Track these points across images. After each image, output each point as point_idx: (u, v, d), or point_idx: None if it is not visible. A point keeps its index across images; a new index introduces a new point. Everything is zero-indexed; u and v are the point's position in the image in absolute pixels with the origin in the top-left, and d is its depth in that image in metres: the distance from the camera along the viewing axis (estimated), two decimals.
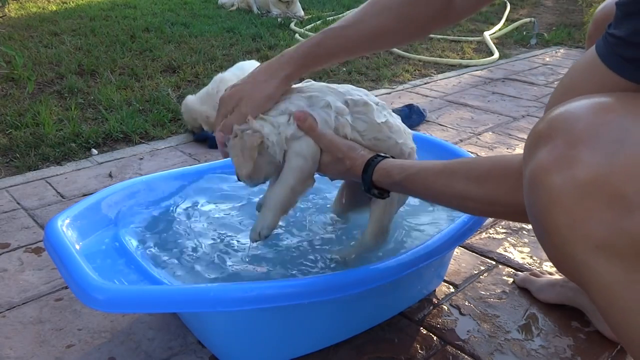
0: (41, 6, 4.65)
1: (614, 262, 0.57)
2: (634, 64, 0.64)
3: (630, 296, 0.58)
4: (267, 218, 0.98)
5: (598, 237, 0.56)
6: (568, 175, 0.57)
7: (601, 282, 0.59)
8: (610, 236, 0.56)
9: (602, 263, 0.57)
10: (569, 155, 0.57)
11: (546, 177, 0.59)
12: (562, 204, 0.57)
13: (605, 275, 0.58)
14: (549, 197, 0.59)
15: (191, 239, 1.16)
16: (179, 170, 1.33)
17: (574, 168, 0.56)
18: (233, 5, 4.75)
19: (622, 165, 0.55)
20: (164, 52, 3.21)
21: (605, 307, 0.61)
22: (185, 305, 0.88)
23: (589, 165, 0.56)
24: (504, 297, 1.20)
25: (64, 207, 1.38)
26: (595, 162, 0.56)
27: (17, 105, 2.34)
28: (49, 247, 0.96)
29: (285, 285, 0.92)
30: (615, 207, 0.55)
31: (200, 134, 2.08)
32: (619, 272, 0.57)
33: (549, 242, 0.62)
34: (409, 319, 1.13)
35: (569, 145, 0.58)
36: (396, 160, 0.97)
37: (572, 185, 0.57)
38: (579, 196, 0.56)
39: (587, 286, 0.61)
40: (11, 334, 1.07)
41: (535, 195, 0.61)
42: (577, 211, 0.56)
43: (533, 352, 1.04)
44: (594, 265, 0.58)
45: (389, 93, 2.74)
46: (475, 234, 1.42)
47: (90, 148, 1.99)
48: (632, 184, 0.54)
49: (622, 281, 0.57)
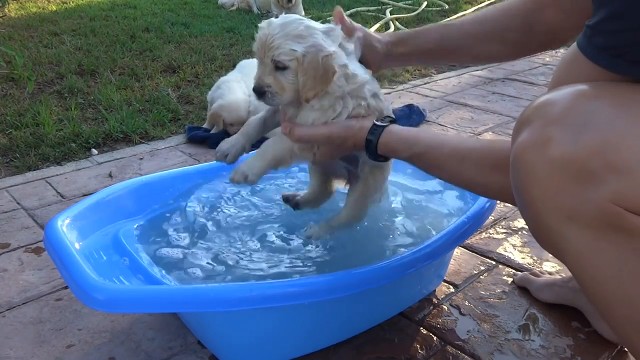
0: (41, 6, 4.65)
1: (584, 232, 0.62)
2: (605, 52, 0.67)
3: (601, 264, 0.63)
4: (256, 164, 0.96)
5: (568, 208, 0.62)
6: (541, 153, 0.63)
7: (574, 251, 0.64)
8: (578, 207, 0.61)
9: (574, 232, 0.63)
10: (543, 134, 0.63)
11: (524, 154, 0.65)
12: (536, 178, 0.63)
13: (577, 244, 0.64)
14: (525, 172, 0.64)
15: (191, 239, 1.16)
16: (179, 170, 1.33)
17: (547, 146, 0.62)
18: (233, 5, 4.75)
19: (587, 144, 0.60)
20: (164, 52, 3.21)
21: (580, 276, 0.66)
22: (185, 305, 0.88)
23: (559, 144, 0.62)
24: (504, 297, 1.20)
25: (64, 207, 1.38)
26: (565, 140, 0.61)
27: (17, 105, 2.34)
28: (49, 247, 0.96)
29: (285, 285, 0.92)
30: (581, 180, 0.61)
31: (197, 135, 2.07)
32: (589, 240, 0.63)
33: (526, 213, 0.68)
34: (409, 319, 1.13)
35: (543, 126, 0.64)
36: (399, 133, 0.95)
37: (544, 161, 0.62)
38: (550, 171, 0.62)
39: (563, 255, 0.67)
40: (11, 334, 1.07)
41: (515, 171, 0.67)
42: (548, 184, 0.62)
43: (533, 352, 1.04)
44: (566, 235, 0.64)
45: (389, 93, 2.74)
46: (475, 234, 1.42)
47: (90, 148, 1.99)
48: (596, 160, 0.59)
49: (592, 250, 0.63)
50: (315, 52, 0.93)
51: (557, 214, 0.63)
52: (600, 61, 0.68)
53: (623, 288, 0.63)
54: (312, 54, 0.93)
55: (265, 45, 0.94)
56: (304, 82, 0.94)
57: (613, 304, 0.64)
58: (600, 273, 0.64)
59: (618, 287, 0.63)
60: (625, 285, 0.62)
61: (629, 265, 0.61)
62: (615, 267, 0.62)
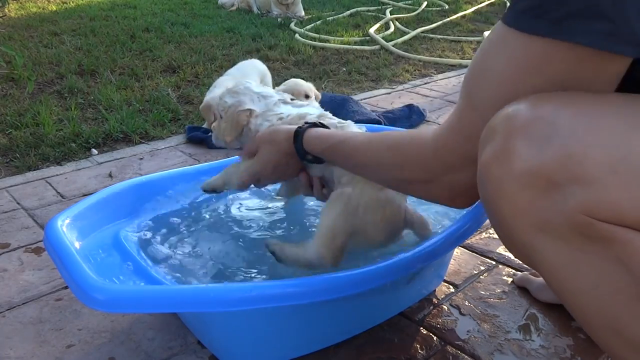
0: (41, 6, 4.65)
1: (558, 244, 0.61)
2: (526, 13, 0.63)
3: (577, 276, 0.62)
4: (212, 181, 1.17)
5: (540, 222, 0.61)
6: (506, 167, 0.62)
7: (549, 264, 0.63)
8: (550, 219, 0.60)
9: (548, 245, 0.62)
10: (506, 148, 0.62)
11: (489, 170, 0.64)
12: (505, 194, 0.62)
13: (552, 257, 0.62)
14: (493, 189, 0.64)
15: (191, 239, 1.16)
16: (179, 171, 1.33)
17: (511, 160, 0.61)
18: (233, 5, 4.75)
19: (551, 156, 0.59)
20: (164, 52, 3.22)
21: (557, 288, 0.65)
22: (185, 305, 0.88)
23: (524, 157, 0.60)
24: (504, 297, 1.20)
25: (64, 207, 1.38)
26: (529, 153, 0.60)
27: (17, 105, 2.34)
28: (49, 247, 0.96)
29: (285, 285, 0.92)
30: (549, 193, 0.59)
31: (196, 135, 2.08)
32: (564, 252, 0.61)
33: (499, 230, 0.67)
34: (409, 319, 1.13)
35: (506, 139, 0.62)
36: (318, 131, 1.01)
37: (510, 177, 0.61)
38: (518, 187, 0.61)
39: (540, 269, 0.65)
40: (11, 334, 1.07)
41: (483, 187, 0.66)
42: (518, 200, 0.61)
43: (533, 352, 1.04)
44: (541, 248, 0.62)
45: (389, 93, 2.74)
46: (475, 234, 1.42)
47: (90, 148, 1.99)
48: (561, 172, 0.58)
49: (567, 262, 0.62)
50: (235, 107, 1.18)
51: (529, 228, 0.62)
52: (520, 24, 0.64)
53: (601, 298, 0.61)
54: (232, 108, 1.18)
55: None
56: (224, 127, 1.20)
57: (592, 314, 0.63)
58: (577, 284, 0.62)
59: (596, 297, 0.62)
60: (604, 294, 0.61)
61: (606, 273, 0.60)
62: (592, 277, 0.61)
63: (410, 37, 3.84)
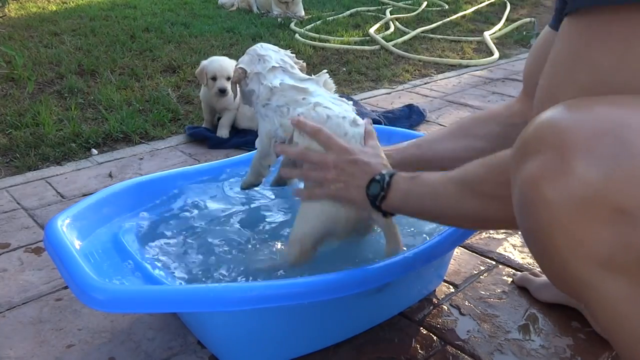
0: (41, 6, 4.65)
1: (619, 279, 0.54)
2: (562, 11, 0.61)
3: (636, 312, 0.55)
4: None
5: (602, 256, 0.53)
6: (563, 191, 0.53)
7: (606, 301, 0.55)
8: (614, 254, 0.53)
9: (607, 281, 0.54)
10: (561, 167, 0.54)
11: (538, 191, 0.55)
12: (561, 223, 0.54)
13: (610, 294, 0.55)
14: (544, 215, 0.55)
15: (191, 239, 1.16)
16: (179, 170, 1.33)
17: (569, 183, 0.53)
18: (233, 5, 4.74)
19: (620, 179, 0.51)
20: (164, 52, 3.21)
21: (612, 327, 0.57)
22: (185, 305, 0.88)
23: (585, 180, 0.52)
24: (504, 297, 1.20)
25: (64, 207, 1.38)
26: (592, 176, 0.52)
27: (17, 105, 2.34)
28: (49, 247, 0.96)
29: (285, 285, 0.92)
30: (616, 223, 0.51)
31: (198, 132, 2.07)
32: (624, 288, 0.54)
33: (549, 262, 0.59)
34: (409, 319, 1.13)
35: (561, 156, 0.54)
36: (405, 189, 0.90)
37: (568, 202, 0.53)
38: (578, 215, 0.53)
39: (592, 305, 0.58)
40: (11, 334, 1.07)
41: (526, 210, 0.57)
42: (576, 230, 0.53)
43: (533, 352, 1.04)
44: (598, 285, 0.55)
45: (389, 93, 2.74)
46: (475, 234, 1.42)
47: (90, 148, 1.99)
48: (632, 198, 0.51)
49: (628, 298, 0.54)
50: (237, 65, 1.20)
51: (588, 262, 0.54)
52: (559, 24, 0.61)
53: None
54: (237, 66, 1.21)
55: None
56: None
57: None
58: (634, 322, 0.55)
59: None
60: None
61: None
62: None
63: (410, 37, 3.84)
